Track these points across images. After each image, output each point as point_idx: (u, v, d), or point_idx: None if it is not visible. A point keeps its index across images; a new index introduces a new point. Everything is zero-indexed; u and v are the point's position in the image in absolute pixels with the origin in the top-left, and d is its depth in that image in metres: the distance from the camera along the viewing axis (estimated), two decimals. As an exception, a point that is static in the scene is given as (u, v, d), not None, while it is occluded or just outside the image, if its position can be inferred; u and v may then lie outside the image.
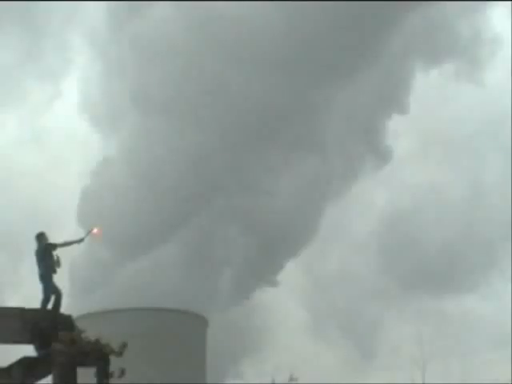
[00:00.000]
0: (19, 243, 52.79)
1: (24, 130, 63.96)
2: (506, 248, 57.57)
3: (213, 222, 50.63)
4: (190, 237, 49.99)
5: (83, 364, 17.98)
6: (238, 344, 53.71)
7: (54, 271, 19.46)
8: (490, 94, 59.89)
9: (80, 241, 20.11)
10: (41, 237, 19.82)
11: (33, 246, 19.95)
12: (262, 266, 52.27)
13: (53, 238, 19.87)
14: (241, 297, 52.38)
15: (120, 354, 18.19)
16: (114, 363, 18.28)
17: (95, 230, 20.63)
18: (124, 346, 18.25)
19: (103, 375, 18.04)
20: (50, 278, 19.39)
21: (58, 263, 19.60)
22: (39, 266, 19.49)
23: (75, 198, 51.06)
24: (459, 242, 60.63)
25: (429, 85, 55.70)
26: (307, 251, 55.30)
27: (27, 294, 35.46)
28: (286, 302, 59.81)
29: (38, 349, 18.59)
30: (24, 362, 18.41)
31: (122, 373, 18.15)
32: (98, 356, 17.98)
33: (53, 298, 19.32)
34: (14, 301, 45.34)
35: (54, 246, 19.59)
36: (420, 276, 60.55)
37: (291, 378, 24.71)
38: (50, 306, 19.31)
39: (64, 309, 19.74)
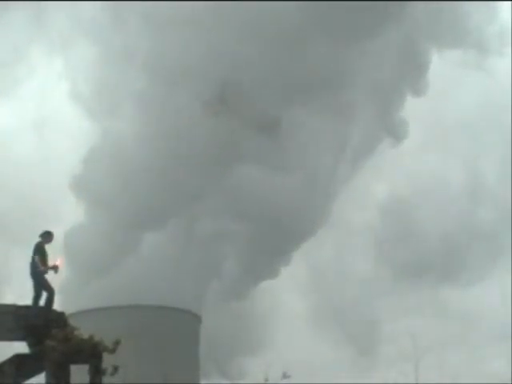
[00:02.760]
0: (12, 232, 52.90)
1: (21, 117, 63.17)
2: (507, 239, 57.32)
3: (210, 212, 50.12)
4: (183, 228, 49.57)
5: (76, 361, 17.98)
6: (233, 341, 53.59)
7: (45, 272, 19.38)
8: (494, 82, 59.84)
9: (45, 269, 19.60)
10: (45, 235, 19.69)
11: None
12: (264, 260, 51.51)
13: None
14: (240, 290, 51.93)
15: (113, 351, 18.20)
16: (107, 360, 18.27)
17: (58, 262, 20.15)
18: (117, 343, 18.27)
19: (96, 372, 18.04)
20: (41, 275, 19.32)
21: (55, 269, 19.57)
22: (32, 263, 19.43)
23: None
24: (460, 232, 60.36)
25: (432, 71, 55.44)
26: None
27: (19, 288, 35.30)
28: (281, 295, 59.45)
29: (30, 346, 18.55)
30: (16, 359, 18.36)
31: (115, 370, 18.15)
32: (91, 353, 17.98)
33: (44, 295, 19.28)
34: (7, 293, 45.47)
35: (38, 252, 19.51)
36: (420, 267, 60.27)
37: (284, 376, 24.72)
38: (41, 302, 19.29)
39: (57, 306, 19.73)
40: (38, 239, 19.72)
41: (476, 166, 63.38)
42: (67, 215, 50.52)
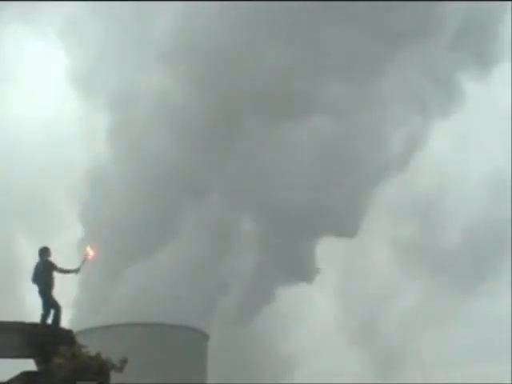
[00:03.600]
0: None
1: (21, 114, 62.84)
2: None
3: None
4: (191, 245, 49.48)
5: (84, 379, 17.95)
6: (239, 359, 53.30)
7: (52, 287, 19.40)
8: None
9: (77, 271, 19.84)
10: (44, 251, 19.76)
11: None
12: (279, 274, 51.13)
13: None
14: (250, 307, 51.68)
15: (120, 369, 18.18)
16: (115, 378, 18.25)
17: (90, 255, 20.33)
18: (124, 361, 18.24)
19: (103, 390, 18.03)
20: (50, 293, 19.35)
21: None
22: (38, 281, 19.44)
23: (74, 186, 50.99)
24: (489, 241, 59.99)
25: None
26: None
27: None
28: (292, 315, 58.78)
29: (38, 363, 18.54)
30: (24, 376, 18.34)
31: (123, 388, 18.15)
32: (99, 371, 17.95)
33: (52, 313, 19.29)
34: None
35: (54, 267, 19.52)
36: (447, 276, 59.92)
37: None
38: (49, 320, 19.30)
39: (65, 323, 19.73)
40: (39, 258, 19.78)
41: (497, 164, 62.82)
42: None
